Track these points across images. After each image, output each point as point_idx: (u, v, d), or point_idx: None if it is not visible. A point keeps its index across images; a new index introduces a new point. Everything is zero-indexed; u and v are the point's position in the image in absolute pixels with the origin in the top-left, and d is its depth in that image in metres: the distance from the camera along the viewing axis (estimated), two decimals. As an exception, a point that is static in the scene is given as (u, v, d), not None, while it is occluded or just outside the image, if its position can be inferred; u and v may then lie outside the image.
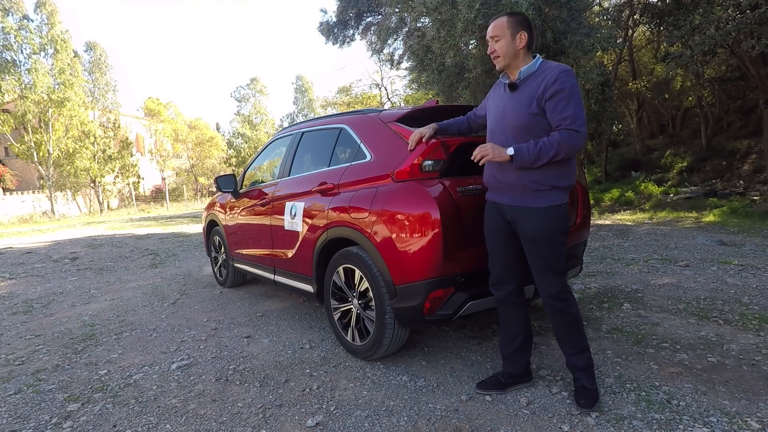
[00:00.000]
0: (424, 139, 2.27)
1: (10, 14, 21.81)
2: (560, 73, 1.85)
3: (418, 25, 9.10)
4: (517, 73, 1.98)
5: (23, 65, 21.96)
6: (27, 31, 22.02)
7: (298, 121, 6.01)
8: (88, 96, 26.27)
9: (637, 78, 13.04)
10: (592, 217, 5.97)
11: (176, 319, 3.65)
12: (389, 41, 11.22)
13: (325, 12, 12.56)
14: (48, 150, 22.73)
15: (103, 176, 25.17)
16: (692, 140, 12.95)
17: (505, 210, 2.03)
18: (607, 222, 7.87)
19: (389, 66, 14.43)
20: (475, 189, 2.30)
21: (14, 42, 21.60)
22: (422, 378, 2.36)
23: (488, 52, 2.01)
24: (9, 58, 21.46)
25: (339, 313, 2.73)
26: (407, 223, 2.22)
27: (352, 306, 2.62)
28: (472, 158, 1.98)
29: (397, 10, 9.30)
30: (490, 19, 2.04)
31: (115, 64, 62.07)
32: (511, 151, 1.88)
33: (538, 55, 1.99)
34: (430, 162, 2.27)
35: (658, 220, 7.55)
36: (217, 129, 43.33)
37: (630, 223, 7.45)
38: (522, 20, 1.97)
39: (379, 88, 24.97)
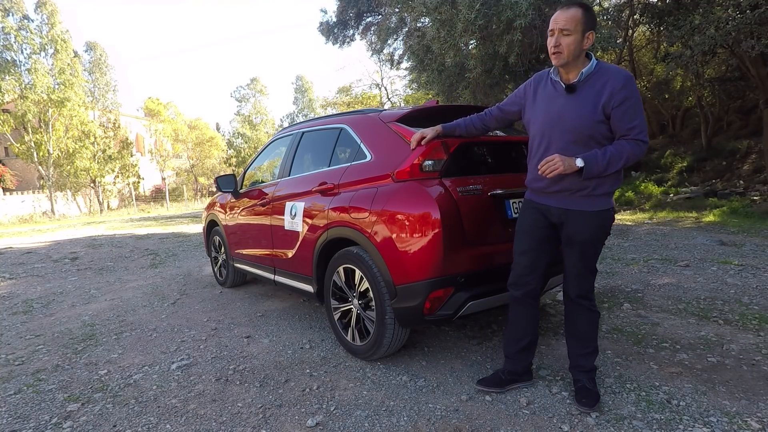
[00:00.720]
0: (423, 142, 2.26)
1: (11, 14, 21.83)
2: (627, 79, 1.78)
3: (418, 25, 9.10)
4: (576, 74, 1.85)
5: (23, 65, 22.00)
6: (27, 31, 22.04)
7: (298, 121, 6.01)
8: (88, 96, 26.32)
9: (637, 78, 13.04)
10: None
11: (176, 319, 3.65)
12: (389, 41, 11.23)
13: (325, 12, 12.60)
14: (48, 150, 22.75)
15: (103, 176, 25.19)
16: (692, 140, 12.94)
17: (552, 212, 1.98)
18: (607, 222, 7.85)
19: (389, 66, 14.46)
20: (475, 189, 2.30)
21: (14, 42, 21.62)
22: (422, 378, 2.36)
23: (551, 44, 1.83)
24: (9, 58, 21.49)
25: (339, 313, 2.73)
26: (407, 223, 2.22)
27: (352, 306, 2.62)
28: (539, 173, 1.87)
29: (397, 10, 9.30)
30: (556, 6, 1.80)
31: (115, 64, 62.36)
32: (580, 162, 1.80)
33: (591, 54, 1.87)
34: (430, 162, 2.27)
35: (658, 220, 7.55)
36: (217, 129, 43.36)
37: (630, 223, 7.45)
38: (593, 18, 1.82)
39: (379, 88, 25.03)
